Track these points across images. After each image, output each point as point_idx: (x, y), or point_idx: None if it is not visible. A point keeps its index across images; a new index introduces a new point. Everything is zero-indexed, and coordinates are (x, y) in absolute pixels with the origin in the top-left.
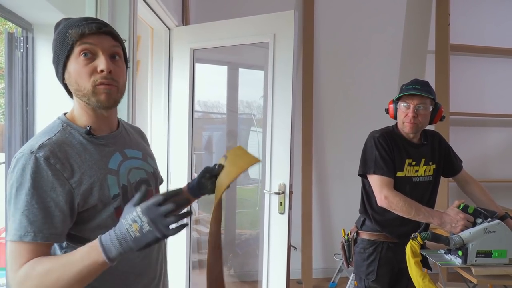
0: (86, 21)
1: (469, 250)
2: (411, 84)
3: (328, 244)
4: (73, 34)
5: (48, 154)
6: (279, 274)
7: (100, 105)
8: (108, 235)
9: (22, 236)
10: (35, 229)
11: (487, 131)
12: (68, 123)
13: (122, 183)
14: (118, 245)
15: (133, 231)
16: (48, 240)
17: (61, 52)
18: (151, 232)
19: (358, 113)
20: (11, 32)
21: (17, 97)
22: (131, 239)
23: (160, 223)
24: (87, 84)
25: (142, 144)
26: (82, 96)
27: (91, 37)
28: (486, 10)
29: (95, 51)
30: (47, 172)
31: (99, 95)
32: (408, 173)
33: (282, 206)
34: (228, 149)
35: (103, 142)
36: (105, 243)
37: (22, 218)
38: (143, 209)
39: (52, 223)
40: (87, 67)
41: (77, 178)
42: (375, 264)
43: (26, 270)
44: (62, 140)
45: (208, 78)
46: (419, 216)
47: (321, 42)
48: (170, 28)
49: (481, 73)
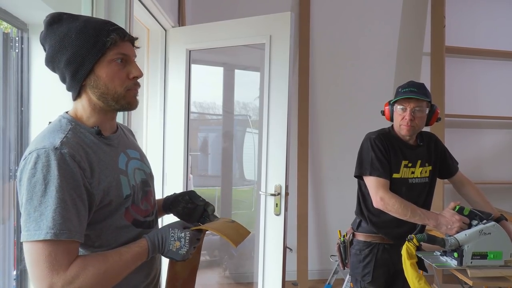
0: (114, 26)
1: (465, 252)
2: (407, 86)
3: (323, 245)
4: (113, 39)
5: (72, 151)
6: (274, 275)
7: (129, 107)
8: (155, 238)
9: (58, 234)
10: (69, 227)
11: (482, 133)
12: (76, 122)
13: (132, 184)
14: (160, 248)
15: (173, 245)
16: (78, 239)
17: (89, 54)
18: (182, 256)
19: (354, 115)
20: (6, 32)
21: (12, 97)
22: (168, 250)
23: (190, 252)
24: (119, 89)
25: (137, 144)
26: (110, 100)
27: (125, 44)
28: (482, 13)
29: (127, 58)
30: (73, 169)
31: (129, 99)
32: (404, 174)
33: (278, 208)
34: (224, 150)
35: (110, 143)
36: (151, 246)
37: (55, 215)
38: (191, 238)
39: (80, 221)
40: (120, 72)
41: (96, 178)
42: (371, 265)
43: (77, 271)
44: (78, 139)
45: (204, 79)
46: (414, 217)
47: (317, 43)
48: (166, 29)
49: (476, 75)
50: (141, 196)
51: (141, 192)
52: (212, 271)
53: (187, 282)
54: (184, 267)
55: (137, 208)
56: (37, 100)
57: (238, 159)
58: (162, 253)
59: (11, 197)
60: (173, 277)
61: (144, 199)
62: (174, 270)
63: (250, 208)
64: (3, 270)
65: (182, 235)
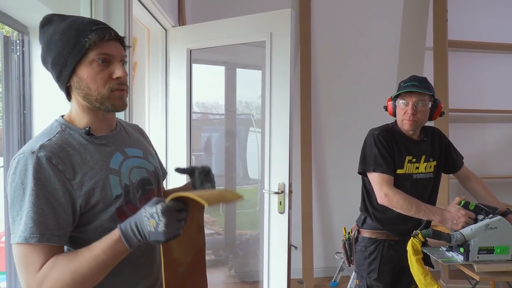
0: (98, 25)
1: (471, 247)
2: (409, 80)
3: (328, 243)
4: (92, 39)
5: (49, 154)
6: (280, 274)
7: (114, 109)
8: (128, 224)
9: (28, 238)
10: (41, 230)
11: (486, 127)
12: (66, 124)
13: (124, 183)
14: (138, 234)
15: (149, 225)
16: (53, 242)
17: (70, 56)
18: (164, 233)
19: (357, 111)
20: (7, 36)
21: (14, 100)
22: (148, 231)
23: (173, 227)
24: (102, 90)
25: (143, 142)
26: (94, 101)
27: (108, 43)
28: (484, 6)
29: (110, 58)
30: (49, 172)
31: (114, 100)
32: (409, 170)
33: (281, 206)
34: (227, 150)
35: (103, 142)
36: (126, 233)
37: (27, 219)
38: (164, 209)
39: (57, 224)
40: (103, 73)
41: (79, 179)
42: (377, 262)
43: (46, 271)
44: (62, 141)
45: (206, 78)
46: (419, 213)
47: (318, 40)
48: (166, 28)
49: (480, 69)
50: (140, 195)
51: (140, 191)
52: (217, 270)
53: (193, 268)
54: (184, 250)
55: (134, 208)
56: (39, 102)
57: (242, 158)
58: (144, 238)
59: None
60: (172, 264)
61: (143, 198)
62: (171, 255)
63: (254, 207)
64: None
65: (153, 210)
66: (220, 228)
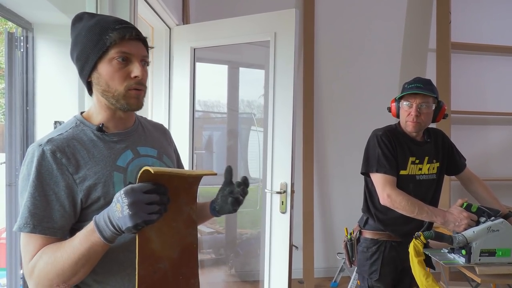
0: (121, 24)
1: (473, 249)
2: (414, 82)
3: (329, 243)
4: (113, 37)
5: (54, 148)
6: (280, 273)
7: (129, 108)
8: (101, 215)
9: (22, 227)
10: (34, 221)
11: (488, 129)
12: (82, 120)
13: (129, 181)
14: (110, 225)
15: (117, 211)
16: (45, 234)
17: (92, 52)
18: (129, 216)
19: (360, 112)
20: (11, 32)
21: (17, 97)
22: (117, 218)
23: (140, 208)
24: (119, 87)
25: (161, 142)
26: (111, 98)
27: (129, 42)
28: (487, 8)
29: (130, 57)
30: (52, 165)
31: (129, 99)
32: (412, 171)
33: (283, 205)
34: (228, 148)
35: (114, 139)
36: (99, 223)
37: (24, 209)
38: (126, 190)
39: (51, 217)
40: (121, 71)
41: (82, 174)
42: (378, 263)
43: (35, 261)
44: (72, 136)
45: (209, 77)
46: (422, 214)
47: (321, 40)
48: (170, 27)
49: (482, 71)
50: None
51: None
52: (218, 270)
53: (179, 266)
54: (167, 243)
55: None
56: (42, 99)
57: (243, 157)
58: (118, 228)
59: (17, 197)
60: (150, 257)
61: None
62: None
63: (255, 206)
64: (10, 269)
65: (118, 193)
66: (220, 227)
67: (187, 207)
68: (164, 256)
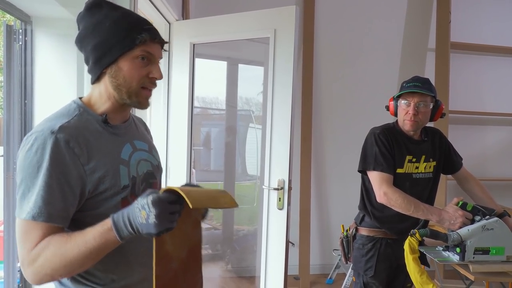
0: (149, 25)
1: (467, 247)
2: (412, 81)
3: (325, 240)
4: (145, 38)
5: (68, 137)
6: (277, 269)
7: (139, 106)
8: (120, 215)
9: (36, 216)
10: (49, 210)
11: (486, 129)
12: (84, 108)
13: (132, 175)
14: (129, 226)
15: (141, 217)
16: (59, 223)
17: (117, 46)
18: (155, 225)
19: (358, 110)
20: (10, 25)
21: (16, 90)
22: (139, 223)
23: (165, 219)
24: (135, 84)
25: (147, 136)
26: (124, 93)
27: (153, 44)
28: (487, 9)
29: (152, 58)
30: (65, 155)
31: (140, 97)
32: (408, 169)
33: (281, 202)
34: (226, 145)
35: (116, 132)
36: (117, 223)
37: (37, 198)
38: (154, 200)
39: (65, 206)
40: (142, 70)
41: (92, 165)
42: (374, 260)
43: (40, 250)
44: (80, 125)
45: (208, 73)
46: (418, 212)
47: (321, 38)
48: (170, 22)
49: (481, 71)
50: (143, 188)
51: (145, 183)
52: (214, 265)
53: (187, 264)
54: (178, 245)
55: None
56: (40, 92)
57: (241, 154)
58: (136, 230)
59: (15, 190)
60: (165, 257)
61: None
62: (164, 249)
63: (252, 203)
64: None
65: (144, 201)
66: (217, 223)
67: (195, 210)
68: (175, 256)
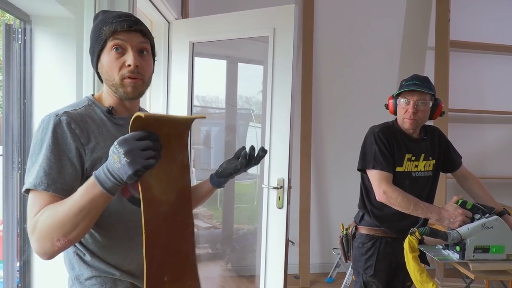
0: (119, 18)
1: (467, 245)
2: (411, 79)
3: (325, 239)
4: (106, 31)
5: (70, 119)
6: (276, 268)
7: (126, 96)
8: (100, 169)
9: (37, 185)
10: (49, 180)
11: (485, 128)
12: (93, 101)
13: None
14: (110, 175)
15: (115, 162)
16: (58, 193)
17: (95, 45)
18: (128, 164)
19: (357, 108)
20: (9, 24)
21: (15, 89)
22: (117, 169)
23: (136, 155)
24: (115, 76)
25: None
26: (111, 86)
27: (122, 33)
28: (486, 7)
29: (125, 47)
30: (67, 134)
31: (125, 87)
32: (408, 168)
33: (280, 201)
34: (226, 144)
35: (121, 123)
36: (99, 177)
37: (39, 169)
38: (119, 141)
39: (64, 179)
40: (117, 61)
41: (92, 146)
42: (373, 259)
43: (38, 216)
44: (86, 113)
45: (207, 72)
46: (417, 211)
47: (320, 36)
48: (169, 21)
49: (481, 69)
50: None
51: None
52: (214, 264)
53: (176, 208)
54: (165, 188)
55: (136, 186)
56: (39, 92)
57: None
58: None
59: (14, 188)
60: (152, 202)
61: None
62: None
63: (252, 202)
64: (7, 261)
65: (112, 146)
66: (217, 222)
67: (180, 153)
68: (163, 201)
